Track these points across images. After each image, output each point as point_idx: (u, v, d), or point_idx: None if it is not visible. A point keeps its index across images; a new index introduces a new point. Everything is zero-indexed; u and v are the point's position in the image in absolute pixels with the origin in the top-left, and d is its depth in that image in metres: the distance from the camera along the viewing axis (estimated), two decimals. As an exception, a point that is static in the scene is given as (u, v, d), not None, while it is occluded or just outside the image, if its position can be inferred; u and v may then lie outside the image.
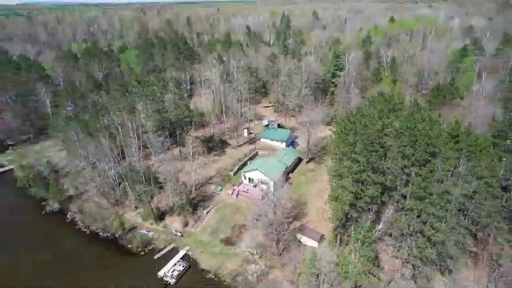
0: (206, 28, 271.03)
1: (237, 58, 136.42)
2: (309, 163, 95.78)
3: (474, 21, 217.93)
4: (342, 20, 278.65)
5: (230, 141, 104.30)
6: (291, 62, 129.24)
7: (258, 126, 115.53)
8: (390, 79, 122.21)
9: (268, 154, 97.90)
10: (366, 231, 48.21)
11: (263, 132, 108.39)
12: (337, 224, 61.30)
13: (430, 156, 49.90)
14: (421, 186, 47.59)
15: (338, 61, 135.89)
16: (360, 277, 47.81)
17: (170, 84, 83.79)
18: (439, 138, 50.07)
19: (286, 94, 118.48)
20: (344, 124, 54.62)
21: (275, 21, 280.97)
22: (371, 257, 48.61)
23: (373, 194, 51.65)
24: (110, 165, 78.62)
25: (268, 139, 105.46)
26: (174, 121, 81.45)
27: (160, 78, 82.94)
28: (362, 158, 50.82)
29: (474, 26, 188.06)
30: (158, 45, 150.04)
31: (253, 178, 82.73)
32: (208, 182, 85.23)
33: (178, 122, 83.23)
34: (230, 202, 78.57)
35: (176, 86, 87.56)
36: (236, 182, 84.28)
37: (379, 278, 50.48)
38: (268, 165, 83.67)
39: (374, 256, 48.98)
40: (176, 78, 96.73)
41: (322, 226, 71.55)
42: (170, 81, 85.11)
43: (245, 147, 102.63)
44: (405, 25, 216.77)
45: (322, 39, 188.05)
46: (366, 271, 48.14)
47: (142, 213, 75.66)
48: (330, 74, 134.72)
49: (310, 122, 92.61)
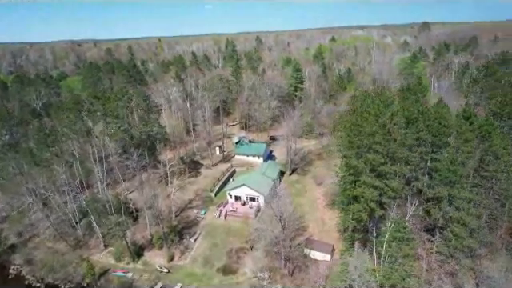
0: (150, 56, 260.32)
1: (194, 77, 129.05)
2: (292, 175, 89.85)
3: (403, 39, 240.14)
4: (285, 43, 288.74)
5: (203, 161, 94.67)
6: (253, 76, 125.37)
7: (228, 143, 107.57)
8: (353, 87, 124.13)
9: (246, 171, 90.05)
10: (402, 227, 42.48)
11: (237, 148, 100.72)
12: (352, 229, 55.19)
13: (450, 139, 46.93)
14: (450, 170, 43.70)
15: (299, 74, 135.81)
16: (404, 281, 41.35)
17: (133, 100, 72.40)
18: (456, 119, 47.43)
19: (254, 109, 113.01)
20: (357, 116, 49.87)
21: (220, 47, 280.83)
22: (413, 256, 42.77)
23: (397, 186, 46.69)
24: (68, 198, 64.40)
25: (243, 155, 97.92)
26: (144, 138, 70.20)
27: (124, 91, 71.65)
28: (383, 148, 46.00)
29: (408, 41, 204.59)
30: (105, 69, 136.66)
31: (239, 195, 73.92)
32: (188, 206, 74.31)
33: (148, 140, 72.15)
34: (218, 225, 68.43)
35: (144, 100, 76.91)
36: (220, 202, 74.58)
37: (418, 278, 44.53)
38: (254, 180, 75.78)
39: (413, 255, 43.22)
40: (141, 91, 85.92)
41: (325, 237, 64.95)
42: (134, 95, 73.77)
43: (220, 166, 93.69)
44: (346, 42, 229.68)
45: (273, 59, 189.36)
46: (408, 273, 41.89)
47: (113, 252, 61.98)
48: (293, 88, 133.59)
49: (290, 133, 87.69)
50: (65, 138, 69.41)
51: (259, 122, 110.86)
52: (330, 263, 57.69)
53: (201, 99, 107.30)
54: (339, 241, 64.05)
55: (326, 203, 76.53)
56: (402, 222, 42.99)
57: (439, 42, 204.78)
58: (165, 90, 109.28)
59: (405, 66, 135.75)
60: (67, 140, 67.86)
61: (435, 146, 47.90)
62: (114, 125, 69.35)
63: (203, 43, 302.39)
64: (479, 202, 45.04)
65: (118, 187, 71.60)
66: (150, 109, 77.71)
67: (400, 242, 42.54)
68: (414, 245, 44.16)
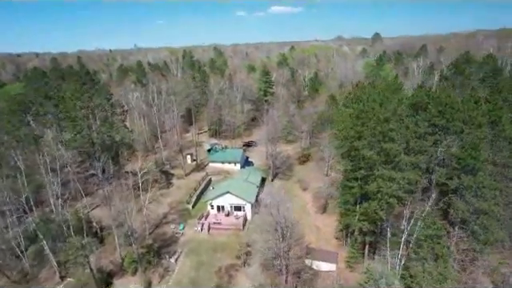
0: (102, 67, 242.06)
1: (156, 82, 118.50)
2: (274, 181, 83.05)
3: (360, 48, 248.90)
4: (243, 53, 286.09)
5: (174, 170, 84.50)
6: (221, 80, 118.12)
7: (199, 151, 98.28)
8: (325, 89, 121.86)
9: (223, 179, 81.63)
10: (432, 223, 37.19)
11: (210, 155, 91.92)
12: (359, 232, 49.29)
13: (463, 124, 43.25)
14: (472, 156, 39.67)
15: (268, 78, 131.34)
16: (440, 284, 35.72)
17: (94, 99, 60.59)
18: (466, 104, 44.02)
19: (225, 114, 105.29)
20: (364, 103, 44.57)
21: (178, 57, 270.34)
22: (447, 256, 37.52)
23: (415, 178, 41.73)
24: (9, 220, 51.44)
25: (218, 162, 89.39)
26: (108, 144, 59.05)
27: (84, 89, 59.79)
28: (398, 136, 41.01)
29: (366, 49, 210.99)
30: (52, 75, 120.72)
31: (223, 204, 65.31)
32: (163, 221, 64.00)
33: (113, 147, 61.14)
34: (201, 240, 59.02)
35: (107, 98, 65.60)
36: (201, 214, 65.26)
37: (446, 278, 39.25)
38: (238, 187, 67.81)
39: (447, 254, 37.98)
40: (103, 88, 74.01)
41: (324, 245, 58.57)
42: (96, 92, 61.96)
43: (193, 175, 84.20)
44: (306, 51, 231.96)
45: (237, 65, 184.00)
46: (445, 275, 36.38)
47: (73, 283, 49.95)
48: (262, 92, 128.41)
49: (271, 135, 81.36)
50: (5, 146, 56.29)
51: (232, 127, 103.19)
52: (336, 273, 51.16)
53: (167, 104, 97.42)
54: (339, 248, 58.04)
55: (316, 208, 70.58)
56: (430, 218, 37.76)
57: (392, 51, 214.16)
58: (125, 95, 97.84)
59: (371, 68, 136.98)
60: (8, 149, 54.82)
61: (449, 133, 43.98)
62: (70, 129, 57.62)
63: (159, 54, 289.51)
64: (503, 190, 41.41)
65: (78, 203, 59.33)
66: (115, 110, 66.74)
67: (431, 240, 37.18)
68: (445, 243, 39.04)
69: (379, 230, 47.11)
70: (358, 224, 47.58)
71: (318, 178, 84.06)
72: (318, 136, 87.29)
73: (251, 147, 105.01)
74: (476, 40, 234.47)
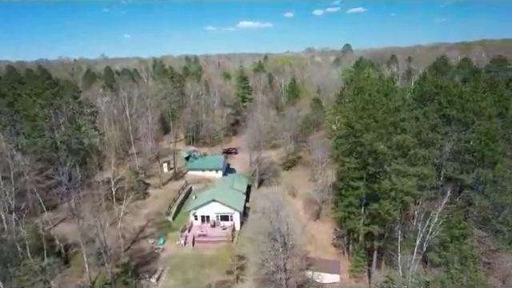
0: (66, 76, 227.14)
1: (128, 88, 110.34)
2: (260, 188, 77.51)
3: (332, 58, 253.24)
4: (216, 63, 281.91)
5: (149, 179, 76.65)
6: (198, 84, 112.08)
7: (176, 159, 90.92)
8: (304, 94, 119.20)
9: (205, 187, 74.97)
10: (457, 222, 33.11)
11: (189, 163, 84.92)
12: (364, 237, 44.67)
13: (474, 115, 40.35)
14: (490, 148, 36.50)
15: (246, 83, 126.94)
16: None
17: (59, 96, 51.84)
18: (474, 94, 41.26)
19: (203, 120, 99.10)
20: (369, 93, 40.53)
21: (147, 66, 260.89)
22: (476, 258, 33.39)
23: (429, 173, 37.89)
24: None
25: (198, 170, 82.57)
26: (75, 149, 50.72)
27: (46, 84, 50.93)
28: (411, 126, 37.21)
29: (339, 59, 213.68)
30: (7, 79, 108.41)
31: (208, 214, 58.66)
32: (141, 235, 56.18)
33: (81, 152, 52.93)
34: (186, 256, 51.84)
35: (74, 96, 57.13)
36: (183, 226, 58.11)
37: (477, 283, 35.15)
38: (223, 194, 61.61)
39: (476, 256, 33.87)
40: (69, 84, 65.21)
41: (323, 254, 53.50)
42: (60, 89, 52.90)
43: (171, 184, 76.85)
44: (279, 60, 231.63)
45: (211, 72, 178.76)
46: (476, 281, 32.08)
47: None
48: (240, 98, 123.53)
49: (256, 142, 76.22)
50: None
51: (211, 133, 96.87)
52: (340, 285, 46.00)
53: (140, 109, 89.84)
54: (338, 256, 53.12)
55: (309, 215, 65.63)
56: (455, 217, 33.73)
57: (363, 60, 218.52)
58: (93, 99, 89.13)
59: (350, 74, 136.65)
60: None
61: (461, 124, 40.87)
62: (29, 131, 49.02)
63: (127, 63, 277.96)
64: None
65: (38, 218, 50.23)
66: (83, 109, 58.41)
67: (457, 241, 33.03)
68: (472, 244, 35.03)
69: (387, 234, 42.72)
70: (364, 228, 42.94)
71: (306, 183, 79.76)
72: (305, 139, 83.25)
73: (232, 154, 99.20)
74: (439, 51, 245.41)
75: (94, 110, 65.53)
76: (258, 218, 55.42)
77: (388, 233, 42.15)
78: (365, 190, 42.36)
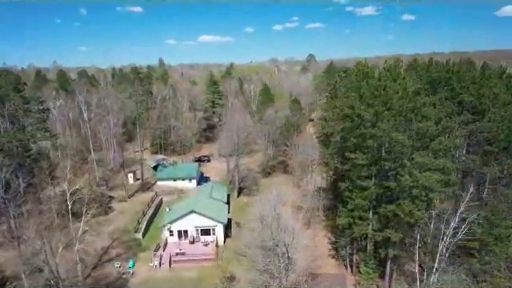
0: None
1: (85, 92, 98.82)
2: (240, 197, 70.32)
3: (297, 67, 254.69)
4: (178, 72, 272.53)
5: (113, 192, 66.43)
6: (165, 87, 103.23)
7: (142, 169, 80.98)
8: (279, 97, 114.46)
9: (179, 198, 66.26)
10: (500, 220, 28.18)
11: (159, 172, 75.57)
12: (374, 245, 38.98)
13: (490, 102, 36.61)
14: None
15: (216, 88, 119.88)
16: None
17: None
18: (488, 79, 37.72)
19: (172, 126, 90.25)
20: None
21: (105, 75, 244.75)
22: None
23: (452, 167, 33.14)
24: None
25: (169, 180, 73.58)
26: (18, 152, 39.93)
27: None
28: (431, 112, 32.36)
29: (306, 67, 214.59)
30: None
31: (186, 228, 50.14)
32: (104, 258, 46.30)
33: (26, 158, 42.28)
34: (161, 280, 42.94)
35: (16, 89, 46.25)
36: (156, 244, 49.02)
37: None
38: (203, 205, 53.49)
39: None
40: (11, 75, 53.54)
41: (323, 266, 46.98)
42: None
43: (138, 197, 67.24)
44: (246, 69, 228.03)
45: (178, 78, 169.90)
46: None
47: None
48: (211, 103, 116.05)
49: (235, 146, 69.04)
50: None
51: (182, 139, 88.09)
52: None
53: (100, 114, 79.38)
54: (339, 269, 46.96)
55: (300, 224, 59.01)
56: (498, 214, 28.83)
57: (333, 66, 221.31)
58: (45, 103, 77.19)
59: (321, 80, 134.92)
60: None
61: (476, 113, 36.87)
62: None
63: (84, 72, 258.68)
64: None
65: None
66: (29, 106, 47.65)
67: (501, 242, 28.05)
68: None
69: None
70: (377, 234, 37.16)
71: (290, 190, 73.68)
72: (286, 143, 77.29)
73: (204, 162, 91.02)
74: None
75: (45, 107, 54.82)
76: (247, 230, 48.37)
77: (400, 238, 36.64)
78: (375, 189, 36.81)
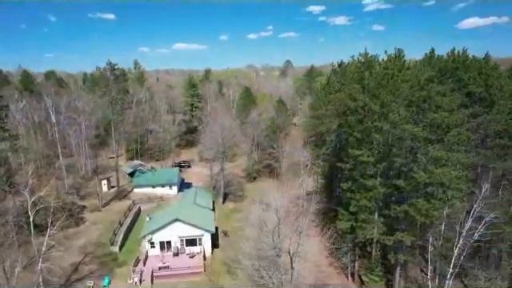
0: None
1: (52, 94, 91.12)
2: (226, 203, 65.75)
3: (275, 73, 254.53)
4: (154, 77, 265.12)
5: (84, 201, 59.96)
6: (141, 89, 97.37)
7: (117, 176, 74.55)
8: (261, 100, 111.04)
9: (158, 207, 60.79)
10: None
11: (136, 179, 69.63)
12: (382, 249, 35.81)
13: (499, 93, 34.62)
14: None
15: (195, 90, 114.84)
16: None
17: None
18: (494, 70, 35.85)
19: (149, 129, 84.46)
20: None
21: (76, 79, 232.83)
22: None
23: (468, 162, 30.54)
24: None
25: (147, 187, 67.87)
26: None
27: None
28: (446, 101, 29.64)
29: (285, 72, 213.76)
30: None
31: (168, 239, 44.90)
32: (74, 276, 40.25)
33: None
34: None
35: None
36: (135, 258, 43.47)
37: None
38: (188, 212, 48.51)
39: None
40: None
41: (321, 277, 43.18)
42: None
43: (114, 205, 61.11)
44: (223, 74, 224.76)
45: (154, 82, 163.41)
46: None
47: None
48: (190, 107, 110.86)
49: (220, 150, 64.50)
50: None
51: (161, 144, 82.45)
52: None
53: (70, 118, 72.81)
54: (339, 278, 43.42)
55: (290, 230, 55.18)
56: None
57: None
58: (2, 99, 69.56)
59: (301, 82, 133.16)
60: None
61: (485, 105, 34.73)
62: None
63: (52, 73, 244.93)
64: None
65: None
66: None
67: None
68: None
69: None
70: (387, 238, 33.90)
71: (277, 195, 69.91)
72: (272, 145, 73.69)
73: (185, 168, 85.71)
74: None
75: (3, 104, 48.21)
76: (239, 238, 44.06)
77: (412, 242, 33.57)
78: (382, 189, 33.68)
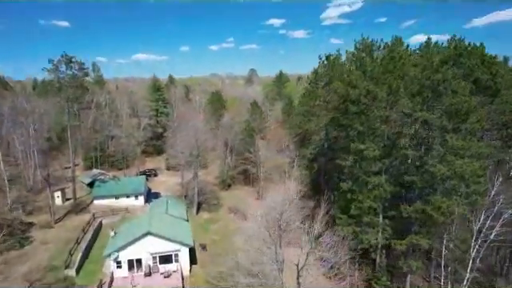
0: None
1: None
2: (200, 213, 59.58)
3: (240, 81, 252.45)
4: (113, 84, 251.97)
5: (32, 217, 50.93)
6: (100, 90, 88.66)
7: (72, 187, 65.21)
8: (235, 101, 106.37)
9: (123, 220, 53.26)
10: None
11: (96, 189, 61.25)
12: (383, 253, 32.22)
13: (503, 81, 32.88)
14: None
15: (161, 95, 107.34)
16: None
17: None
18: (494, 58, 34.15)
19: (113, 134, 76.09)
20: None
21: (24, 86, 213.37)
22: None
23: (487, 152, 27.78)
24: None
25: (109, 198, 59.94)
26: None
27: None
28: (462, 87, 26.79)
29: (251, 79, 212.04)
30: None
31: (139, 257, 38.04)
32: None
33: None
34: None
35: None
36: (97, 281, 36.08)
37: None
38: (160, 224, 41.81)
39: None
40: None
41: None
42: None
43: (70, 220, 52.63)
44: (188, 81, 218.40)
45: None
46: None
47: None
48: (154, 112, 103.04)
49: (195, 154, 58.52)
50: None
51: (125, 150, 74.28)
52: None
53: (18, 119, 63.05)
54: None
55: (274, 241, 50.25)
56: None
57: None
58: None
59: (271, 88, 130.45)
60: None
61: (489, 94, 32.66)
62: None
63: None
64: None
65: None
66: None
67: None
68: None
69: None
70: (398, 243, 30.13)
71: (255, 202, 65.13)
72: (249, 149, 68.70)
73: (150, 177, 78.11)
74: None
75: None
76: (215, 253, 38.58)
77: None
78: (390, 187, 30.05)
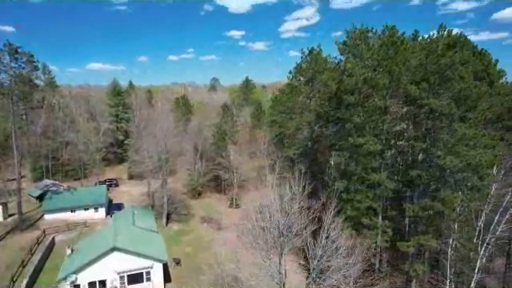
0: None
1: None
2: (169, 224, 54.09)
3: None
4: (66, 90, 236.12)
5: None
6: (53, 94, 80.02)
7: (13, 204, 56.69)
8: (201, 105, 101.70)
9: (82, 235, 46.41)
10: None
11: (47, 202, 53.41)
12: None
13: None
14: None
15: (121, 99, 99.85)
16: None
17: None
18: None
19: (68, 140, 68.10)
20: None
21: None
22: None
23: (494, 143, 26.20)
24: None
25: (64, 211, 52.53)
26: None
27: None
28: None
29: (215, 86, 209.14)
30: None
31: (103, 278, 32.17)
32: None
33: None
34: None
35: None
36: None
37: None
38: (128, 237, 36.13)
39: None
40: None
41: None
42: None
43: (14, 239, 44.92)
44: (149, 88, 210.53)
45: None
46: None
47: None
48: (114, 117, 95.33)
49: (163, 159, 53.16)
50: None
51: (82, 157, 66.60)
52: None
53: None
54: None
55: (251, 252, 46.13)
56: None
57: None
58: None
59: (238, 94, 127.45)
60: None
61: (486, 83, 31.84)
62: None
63: None
64: None
65: None
66: None
67: None
68: None
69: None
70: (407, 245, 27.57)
71: (227, 211, 60.93)
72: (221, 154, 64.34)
73: (111, 187, 70.95)
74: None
75: None
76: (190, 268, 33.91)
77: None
78: (392, 184, 27.58)
